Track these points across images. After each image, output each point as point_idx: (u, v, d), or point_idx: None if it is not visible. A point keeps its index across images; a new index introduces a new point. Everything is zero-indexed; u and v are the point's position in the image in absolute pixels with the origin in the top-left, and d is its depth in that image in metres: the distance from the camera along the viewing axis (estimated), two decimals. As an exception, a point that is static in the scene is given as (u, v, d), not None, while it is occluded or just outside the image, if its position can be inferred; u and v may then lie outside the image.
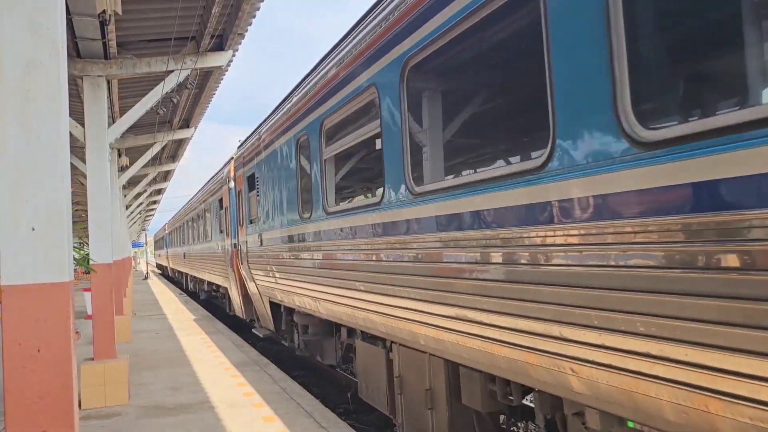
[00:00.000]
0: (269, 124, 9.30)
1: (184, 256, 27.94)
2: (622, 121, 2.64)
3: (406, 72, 4.54)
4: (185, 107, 13.50)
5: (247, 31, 8.76)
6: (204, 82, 11.41)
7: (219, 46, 9.18)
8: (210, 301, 23.77)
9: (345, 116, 6.03)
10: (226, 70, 10.27)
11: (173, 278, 41.85)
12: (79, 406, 7.40)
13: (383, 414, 9.03)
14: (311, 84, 7.11)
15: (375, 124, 5.12)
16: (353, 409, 9.14)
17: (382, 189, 5.01)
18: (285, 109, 8.25)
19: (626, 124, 2.62)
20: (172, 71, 8.89)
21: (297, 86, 8.12)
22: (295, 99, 7.82)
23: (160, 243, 53.42)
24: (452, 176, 5.40)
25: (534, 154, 4.04)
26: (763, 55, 2.97)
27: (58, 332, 2.91)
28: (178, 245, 31.61)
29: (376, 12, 5.24)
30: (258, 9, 8.02)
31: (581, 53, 2.85)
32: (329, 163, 6.59)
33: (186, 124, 15.16)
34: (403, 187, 4.65)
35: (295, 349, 10.72)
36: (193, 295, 27.44)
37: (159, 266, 62.80)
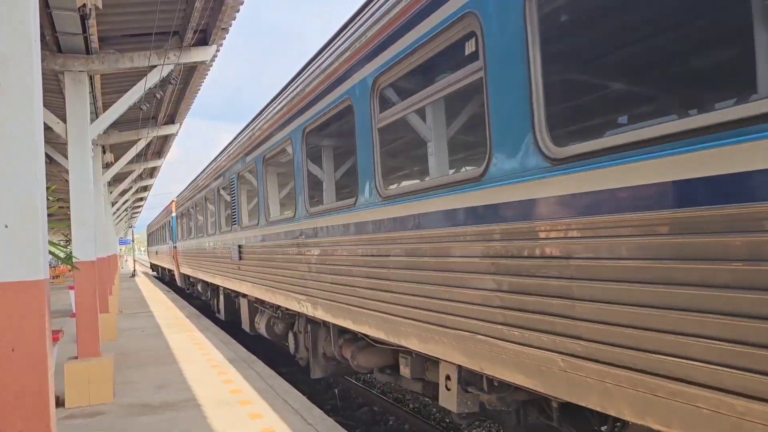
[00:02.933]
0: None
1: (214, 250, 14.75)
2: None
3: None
4: (170, 103, 13.36)
5: (231, 25, 8.67)
6: (188, 77, 11.30)
7: (202, 41, 9.08)
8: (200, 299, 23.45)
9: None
10: (211, 65, 10.16)
11: (187, 292, 24.75)
12: (63, 404, 7.37)
13: (370, 410, 9.02)
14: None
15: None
16: (340, 406, 9.14)
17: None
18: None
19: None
20: (155, 66, 8.78)
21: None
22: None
23: (157, 236, 39.07)
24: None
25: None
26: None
27: (33, 331, 2.85)
28: (198, 235, 17.56)
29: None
30: (242, 3, 7.92)
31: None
32: None
33: (171, 120, 15.01)
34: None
35: (284, 346, 11.57)
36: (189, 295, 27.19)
37: (154, 267, 49.91)
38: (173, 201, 25.94)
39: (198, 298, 22.29)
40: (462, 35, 4.06)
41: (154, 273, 50.79)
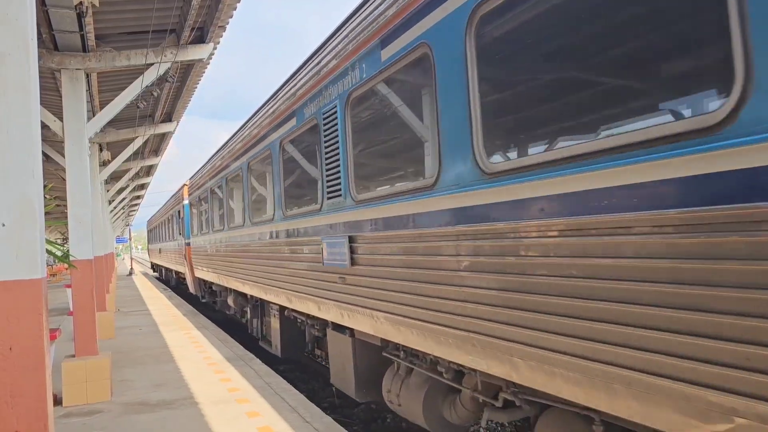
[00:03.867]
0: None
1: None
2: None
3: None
4: (167, 101, 13.35)
5: (228, 23, 8.66)
6: (185, 75, 11.29)
7: (200, 38, 9.07)
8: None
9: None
10: (208, 63, 10.15)
11: (202, 301, 19.56)
12: (61, 403, 7.36)
13: (368, 408, 9.03)
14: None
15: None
16: (338, 404, 9.14)
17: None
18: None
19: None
20: (152, 64, 8.77)
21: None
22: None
23: (160, 231, 32.60)
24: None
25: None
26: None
27: (30, 330, 2.85)
28: (231, 227, 12.27)
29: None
30: (239, 1, 7.92)
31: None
32: None
33: (168, 117, 14.99)
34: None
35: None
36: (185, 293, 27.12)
37: (156, 267, 44.11)
38: (185, 186, 20.29)
39: (221, 311, 17.37)
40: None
41: (156, 274, 44.79)
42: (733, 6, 2.40)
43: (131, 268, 44.97)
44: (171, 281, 32.74)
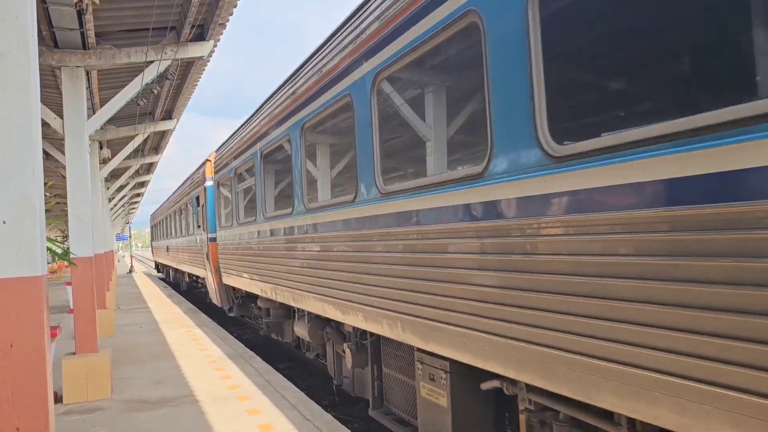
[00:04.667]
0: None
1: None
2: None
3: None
4: (167, 98, 13.33)
5: (228, 21, 8.64)
6: (185, 73, 11.27)
7: (200, 36, 9.06)
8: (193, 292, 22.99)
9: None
10: (208, 61, 10.14)
11: (229, 315, 15.21)
12: (61, 400, 7.37)
13: (368, 405, 9.03)
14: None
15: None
16: (338, 402, 9.15)
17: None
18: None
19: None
20: (152, 62, 8.76)
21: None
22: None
23: (168, 226, 27.44)
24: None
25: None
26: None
27: (31, 328, 2.85)
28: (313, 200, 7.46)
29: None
30: (239, -2, 7.91)
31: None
32: None
33: (168, 115, 14.98)
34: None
35: (279, 341, 11.56)
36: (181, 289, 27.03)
37: (162, 267, 38.17)
38: (207, 162, 15.01)
39: (262, 334, 12.81)
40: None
41: (160, 275, 39.09)
42: None
43: (131, 266, 45.02)
44: (181, 285, 26.94)
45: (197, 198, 17.03)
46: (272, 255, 9.04)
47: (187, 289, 25.87)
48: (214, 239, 14.44)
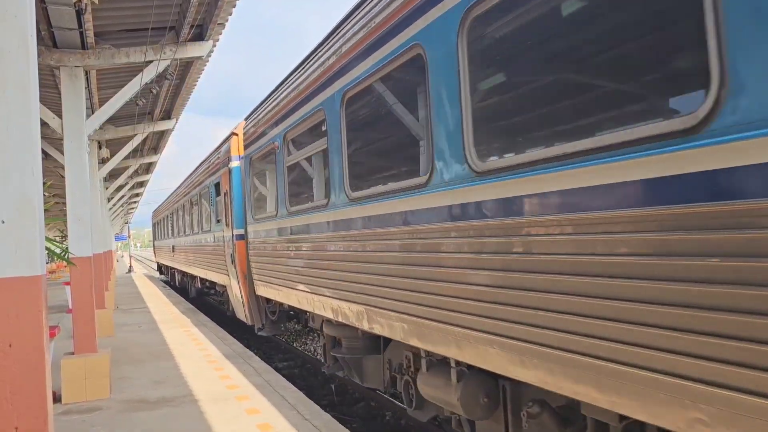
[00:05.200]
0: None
1: None
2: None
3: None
4: (166, 98, 13.34)
5: (227, 20, 8.65)
6: (184, 72, 11.28)
7: (199, 36, 9.06)
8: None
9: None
10: (207, 61, 10.15)
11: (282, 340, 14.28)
12: (60, 400, 7.36)
13: (367, 405, 9.04)
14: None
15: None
16: (337, 401, 9.15)
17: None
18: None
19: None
20: (151, 62, 8.76)
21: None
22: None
23: (175, 222, 23.83)
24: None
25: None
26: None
27: (30, 327, 2.85)
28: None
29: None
30: (238, -2, 7.92)
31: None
32: None
33: (167, 115, 14.99)
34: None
35: (278, 341, 10.41)
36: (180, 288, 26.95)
37: (165, 270, 33.79)
38: (233, 136, 11.76)
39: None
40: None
41: (163, 277, 35.26)
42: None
43: (130, 266, 45.04)
44: (189, 291, 22.89)
45: (216, 185, 13.67)
46: (364, 259, 5.84)
47: (197, 295, 22.05)
48: (241, 237, 11.19)
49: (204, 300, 19.80)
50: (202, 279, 18.66)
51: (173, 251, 24.77)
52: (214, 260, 14.19)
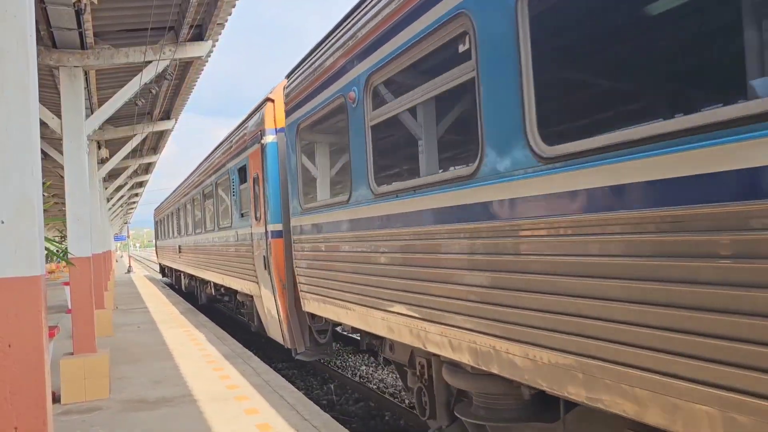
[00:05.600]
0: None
1: None
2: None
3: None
4: (165, 98, 13.33)
5: (227, 21, 8.65)
6: (184, 73, 11.27)
7: (198, 36, 9.06)
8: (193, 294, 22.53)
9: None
10: (206, 61, 10.15)
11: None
12: (59, 400, 7.36)
13: (366, 405, 9.03)
14: None
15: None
16: (336, 401, 9.15)
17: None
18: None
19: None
20: (150, 62, 8.76)
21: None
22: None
23: (187, 214, 19.86)
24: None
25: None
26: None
27: (30, 327, 2.85)
28: None
29: None
30: (238, -2, 7.92)
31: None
32: None
33: (167, 115, 14.97)
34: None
35: (276, 341, 9.81)
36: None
37: (168, 272, 30.58)
38: (266, 103, 9.41)
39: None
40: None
41: (166, 279, 32.64)
42: None
43: (129, 266, 45.06)
44: (199, 297, 19.73)
45: (240, 170, 11.27)
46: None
47: (208, 303, 18.88)
48: (279, 234, 8.96)
49: (211, 306, 19.41)
50: (216, 285, 15.71)
51: (179, 252, 21.68)
52: (236, 263, 11.77)
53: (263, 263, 9.50)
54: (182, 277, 23.53)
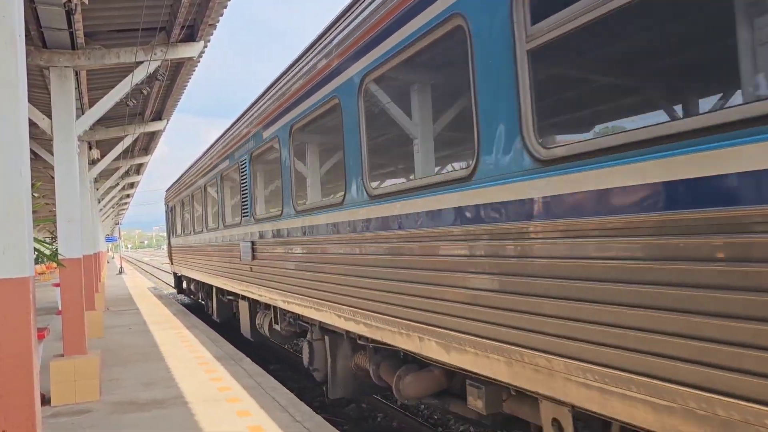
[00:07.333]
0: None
1: None
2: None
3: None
4: (157, 99, 13.28)
5: (218, 21, 8.63)
6: (175, 73, 11.23)
7: (190, 36, 9.03)
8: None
9: None
10: (198, 62, 10.11)
11: None
12: (49, 402, 7.31)
13: (358, 407, 9.03)
14: None
15: None
16: (329, 403, 9.14)
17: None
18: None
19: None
20: (141, 62, 8.72)
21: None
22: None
23: (219, 201, 11.47)
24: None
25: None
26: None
27: (18, 329, 2.83)
28: None
29: None
30: (229, -1, 7.91)
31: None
32: None
33: (158, 116, 14.92)
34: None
35: (270, 345, 9.37)
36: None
37: (191, 291, 19.22)
38: None
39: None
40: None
41: (184, 298, 22.02)
42: None
43: (121, 267, 44.84)
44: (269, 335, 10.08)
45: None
46: None
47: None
48: None
49: (196, 302, 19.37)
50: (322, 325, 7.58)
51: (216, 256, 12.62)
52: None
53: None
54: (221, 297, 13.97)
